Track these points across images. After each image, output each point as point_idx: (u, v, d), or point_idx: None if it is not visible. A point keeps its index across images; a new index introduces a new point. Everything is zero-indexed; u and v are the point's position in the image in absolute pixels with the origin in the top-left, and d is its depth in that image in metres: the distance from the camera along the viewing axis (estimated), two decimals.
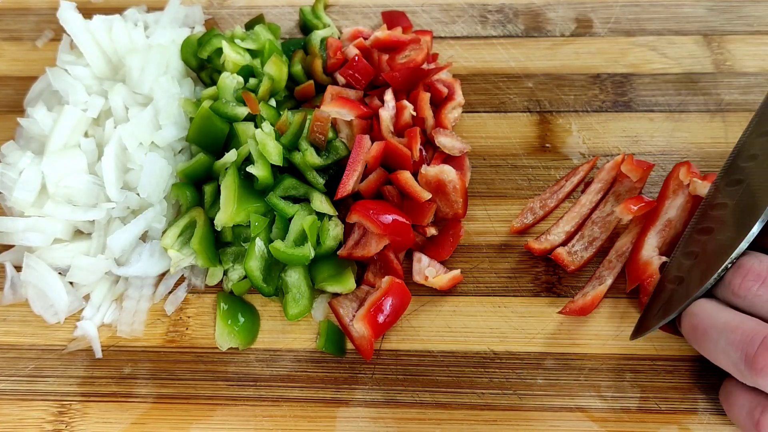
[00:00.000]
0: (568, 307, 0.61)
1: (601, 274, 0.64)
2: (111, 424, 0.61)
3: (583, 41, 0.78)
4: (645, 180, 0.66)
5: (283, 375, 0.62)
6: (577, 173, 0.69)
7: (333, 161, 0.67)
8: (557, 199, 0.68)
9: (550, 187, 0.68)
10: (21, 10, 0.87)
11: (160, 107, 0.68)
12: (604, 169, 0.68)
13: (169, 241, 0.64)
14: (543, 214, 0.67)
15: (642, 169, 0.65)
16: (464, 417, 0.59)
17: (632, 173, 0.65)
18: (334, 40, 0.75)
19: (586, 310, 0.61)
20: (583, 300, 0.61)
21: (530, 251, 0.65)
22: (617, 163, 0.67)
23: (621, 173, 0.67)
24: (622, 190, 0.67)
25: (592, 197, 0.67)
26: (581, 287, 0.63)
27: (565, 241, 0.65)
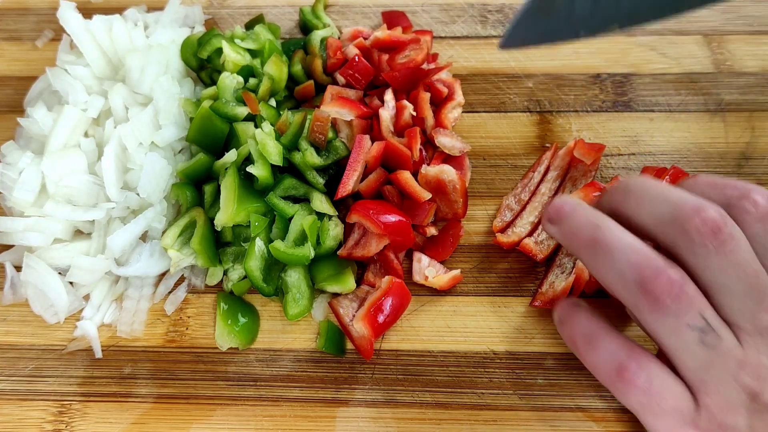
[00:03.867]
0: (539, 299, 0.62)
1: (561, 261, 0.64)
2: (111, 424, 0.61)
3: (583, 41, 0.78)
4: (598, 163, 0.68)
5: (283, 375, 0.62)
6: (542, 162, 0.69)
7: (333, 161, 0.67)
8: (530, 191, 0.68)
9: (521, 180, 0.69)
10: (21, 10, 0.87)
11: (160, 107, 0.68)
12: (557, 155, 0.69)
13: (169, 241, 0.64)
14: (520, 209, 0.67)
15: (594, 151, 0.66)
16: (464, 417, 0.59)
17: (585, 157, 0.66)
18: (334, 40, 0.75)
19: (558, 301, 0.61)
20: (553, 291, 0.61)
21: (500, 245, 0.65)
22: (570, 149, 0.68)
23: (575, 158, 0.67)
24: (577, 174, 0.67)
25: (550, 185, 0.68)
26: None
27: (530, 231, 0.65)
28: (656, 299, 0.45)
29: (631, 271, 0.46)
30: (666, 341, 0.47)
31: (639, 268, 0.46)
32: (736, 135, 0.70)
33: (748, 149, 0.70)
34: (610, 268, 0.48)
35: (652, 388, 0.47)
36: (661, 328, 0.46)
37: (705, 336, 0.45)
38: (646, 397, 0.47)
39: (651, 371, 0.47)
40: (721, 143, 0.70)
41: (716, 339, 0.45)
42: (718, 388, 0.46)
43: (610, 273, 0.48)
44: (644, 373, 0.47)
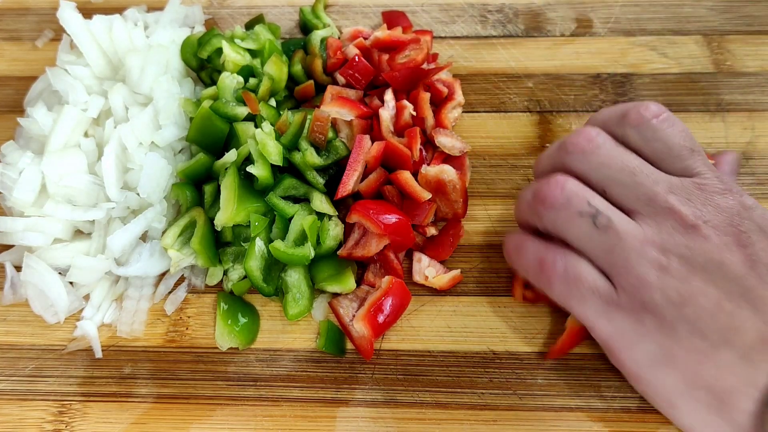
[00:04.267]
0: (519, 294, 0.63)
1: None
2: (111, 424, 0.61)
3: (583, 41, 0.78)
4: None
5: (283, 375, 0.62)
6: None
7: (333, 161, 0.67)
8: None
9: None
10: (21, 10, 0.87)
11: (160, 107, 0.68)
12: None
13: (169, 241, 0.64)
14: None
15: None
16: (464, 417, 0.59)
17: None
18: (334, 40, 0.75)
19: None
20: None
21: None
22: None
23: None
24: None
25: None
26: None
27: None
28: (546, 199, 0.52)
29: (530, 194, 0.55)
30: (567, 235, 0.52)
31: (534, 188, 0.54)
32: (736, 135, 0.70)
33: (748, 149, 0.70)
34: (519, 206, 0.57)
35: (569, 275, 0.51)
36: (559, 224, 0.52)
37: (596, 219, 0.50)
38: (565, 284, 0.51)
39: (567, 260, 0.52)
40: (721, 143, 0.70)
41: (606, 220, 0.50)
42: (627, 268, 0.49)
43: (520, 211, 0.58)
44: (561, 261, 0.52)
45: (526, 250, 0.56)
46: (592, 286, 0.51)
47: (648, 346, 0.49)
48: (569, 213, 0.51)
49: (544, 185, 0.53)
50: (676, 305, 0.48)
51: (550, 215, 0.53)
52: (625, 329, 0.50)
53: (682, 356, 0.48)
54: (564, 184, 0.52)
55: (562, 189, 0.52)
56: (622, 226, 0.50)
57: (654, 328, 0.49)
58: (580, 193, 0.51)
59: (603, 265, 0.51)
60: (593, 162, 0.52)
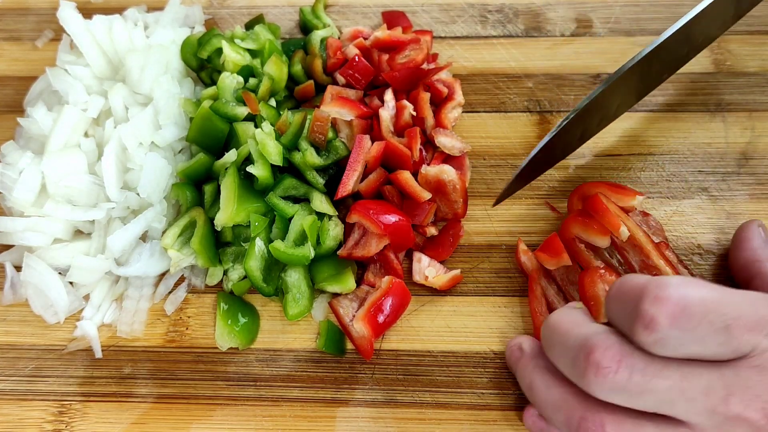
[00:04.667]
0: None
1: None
2: (111, 424, 0.61)
3: (583, 41, 0.78)
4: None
5: (283, 375, 0.62)
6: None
7: (333, 161, 0.67)
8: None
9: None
10: (21, 10, 0.87)
11: (160, 107, 0.68)
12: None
13: (169, 241, 0.64)
14: None
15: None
16: (464, 417, 0.59)
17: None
18: (334, 40, 0.75)
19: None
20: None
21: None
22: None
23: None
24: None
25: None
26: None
27: None
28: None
29: (563, 426, 0.49)
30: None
31: (567, 425, 0.48)
32: (736, 135, 0.70)
33: (748, 149, 0.70)
34: (549, 422, 0.52)
35: None
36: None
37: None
38: None
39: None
40: (721, 143, 0.70)
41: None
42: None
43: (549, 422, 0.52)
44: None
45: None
46: None
47: None
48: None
49: (582, 430, 0.46)
50: None
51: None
52: None
53: None
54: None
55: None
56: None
57: None
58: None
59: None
60: (632, 390, 0.44)
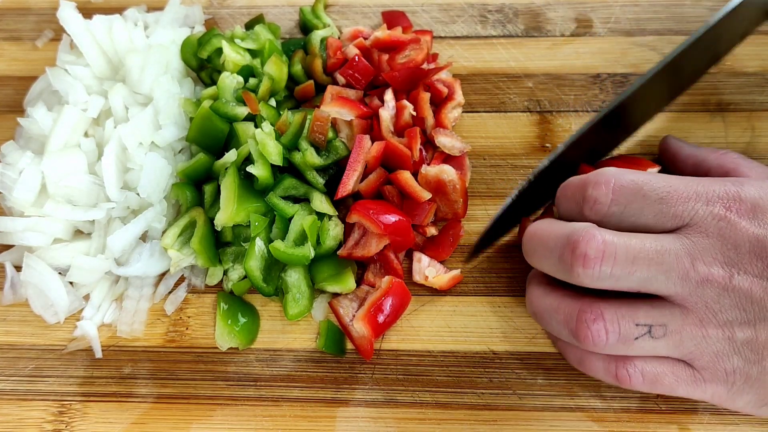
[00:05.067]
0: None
1: None
2: (111, 424, 0.61)
3: (583, 41, 0.78)
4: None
5: (283, 375, 0.62)
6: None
7: (333, 161, 0.67)
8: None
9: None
10: (21, 10, 0.87)
11: (160, 107, 0.68)
12: None
13: (169, 241, 0.64)
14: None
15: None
16: (464, 417, 0.59)
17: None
18: (334, 40, 0.75)
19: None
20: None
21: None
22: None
23: None
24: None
25: None
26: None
27: None
28: (594, 345, 0.51)
29: (564, 330, 0.53)
30: (628, 353, 0.52)
31: (566, 324, 0.53)
32: (736, 135, 0.70)
33: (748, 149, 0.69)
34: (552, 332, 0.56)
35: (648, 379, 0.52)
36: (617, 349, 0.51)
37: (651, 334, 0.50)
38: (649, 385, 0.52)
39: (642, 368, 0.52)
40: (721, 143, 0.70)
41: (662, 330, 0.50)
42: (699, 352, 0.50)
43: (567, 346, 0.57)
44: (634, 371, 0.52)
45: (589, 363, 0.55)
46: (674, 379, 0.52)
47: (746, 397, 0.51)
48: (625, 343, 0.50)
49: (579, 325, 0.51)
50: (755, 362, 0.50)
51: (603, 347, 0.51)
52: (719, 393, 0.52)
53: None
54: (606, 325, 0.50)
55: (606, 331, 0.50)
56: (676, 322, 0.50)
57: (745, 385, 0.51)
58: (624, 321, 0.50)
59: (675, 357, 0.52)
60: (617, 274, 0.50)
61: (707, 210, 0.50)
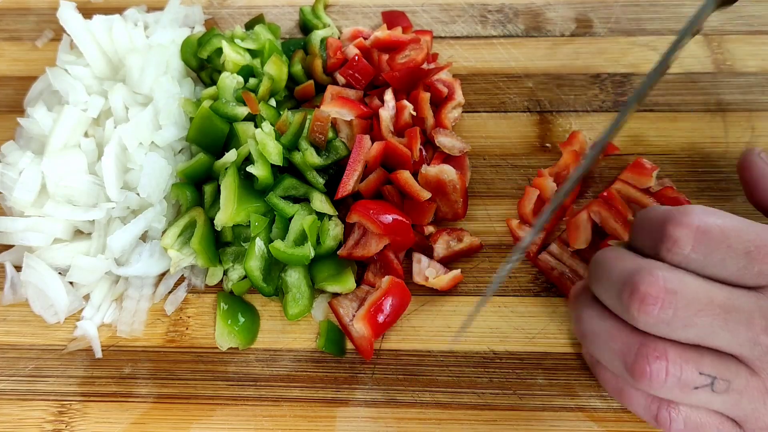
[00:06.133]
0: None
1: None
2: (111, 424, 0.61)
3: (583, 41, 0.78)
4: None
5: (283, 375, 0.62)
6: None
7: (333, 161, 0.67)
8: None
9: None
10: (21, 10, 0.87)
11: (160, 107, 0.68)
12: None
13: (169, 241, 0.64)
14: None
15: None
16: (464, 417, 0.59)
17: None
18: (334, 40, 0.75)
19: None
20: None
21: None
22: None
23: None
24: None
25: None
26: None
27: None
28: (650, 384, 0.47)
29: (617, 360, 0.50)
30: (683, 410, 0.49)
31: (621, 355, 0.49)
32: (736, 135, 0.70)
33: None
34: (600, 358, 0.52)
35: (690, 426, 0.50)
36: (673, 395, 0.49)
37: (713, 387, 0.47)
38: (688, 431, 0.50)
39: (686, 415, 0.50)
40: (721, 143, 0.70)
41: (725, 385, 0.47)
42: (755, 418, 0.48)
43: (607, 373, 0.54)
44: (677, 417, 0.50)
45: (629, 395, 0.52)
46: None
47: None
48: (683, 390, 0.47)
49: (636, 366, 0.48)
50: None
51: (659, 388, 0.48)
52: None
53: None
54: (668, 367, 0.47)
55: (666, 373, 0.47)
56: (740, 382, 0.47)
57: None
58: (688, 367, 0.47)
59: (732, 417, 0.49)
60: (675, 324, 0.46)
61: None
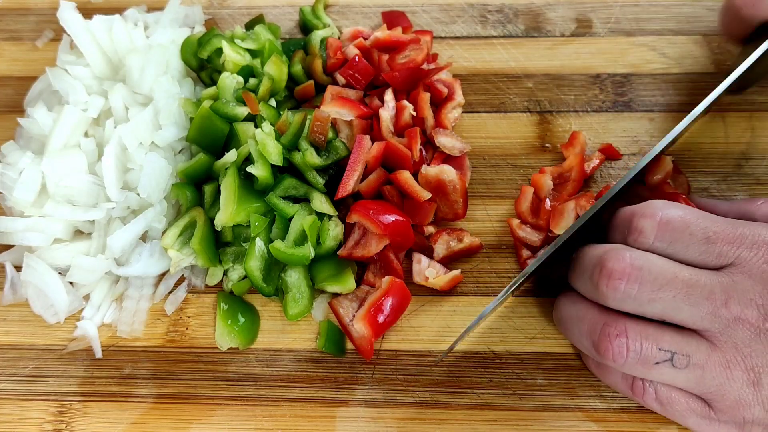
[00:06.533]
0: None
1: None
2: (111, 424, 0.61)
3: (583, 41, 0.78)
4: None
5: (283, 375, 0.62)
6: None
7: (333, 161, 0.67)
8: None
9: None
10: (21, 10, 0.87)
11: (160, 107, 0.68)
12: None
13: (169, 241, 0.64)
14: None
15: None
16: (464, 417, 0.59)
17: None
18: (334, 40, 0.75)
19: None
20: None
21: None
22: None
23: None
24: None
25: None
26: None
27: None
28: (613, 361, 0.50)
29: (585, 340, 0.53)
30: (646, 377, 0.52)
31: (589, 335, 0.52)
32: (736, 135, 0.70)
33: (748, 149, 0.70)
34: (572, 340, 0.56)
35: (662, 399, 0.52)
36: (636, 371, 0.51)
37: (673, 362, 0.49)
38: (660, 405, 0.52)
39: (657, 387, 0.52)
40: (721, 143, 0.70)
41: (685, 359, 0.49)
42: (720, 393, 0.49)
43: (575, 343, 0.56)
44: (650, 388, 0.52)
45: (607, 370, 0.56)
46: (687, 408, 0.51)
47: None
48: (644, 365, 0.50)
49: (600, 343, 0.51)
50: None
51: (621, 364, 0.51)
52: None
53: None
54: (628, 343, 0.50)
55: (627, 349, 0.50)
56: (700, 357, 0.49)
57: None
58: (647, 343, 0.49)
59: (696, 394, 0.51)
60: (641, 298, 0.49)
61: (753, 252, 0.49)
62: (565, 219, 0.63)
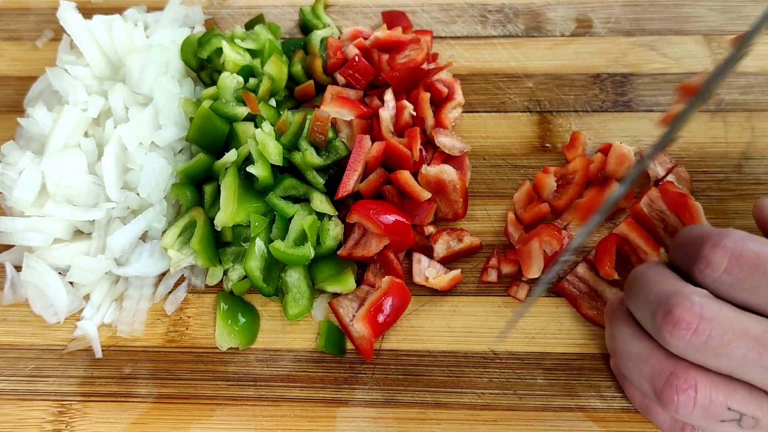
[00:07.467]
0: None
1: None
2: (111, 424, 0.61)
3: (583, 41, 0.78)
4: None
5: (283, 375, 0.62)
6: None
7: (333, 161, 0.67)
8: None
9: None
10: (21, 10, 0.87)
11: (160, 107, 0.68)
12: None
13: (169, 241, 0.64)
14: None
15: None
16: (464, 417, 0.59)
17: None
18: (334, 40, 0.75)
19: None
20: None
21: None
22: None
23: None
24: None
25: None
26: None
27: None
28: (676, 413, 0.47)
29: (646, 383, 0.49)
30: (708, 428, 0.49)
31: (651, 380, 0.48)
32: (736, 135, 0.70)
33: (748, 149, 0.70)
34: (630, 377, 0.52)
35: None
36: (701, 427, 0.49)
37: (741, 422, 0.46)
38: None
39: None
40: (721, 143, 0.70)
41: (753, 421, 0.46)
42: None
43: (634, 388, 0.54)
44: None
45: (656, 413, 0.53)
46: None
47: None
48: (709, 421, 0.47)
49: (667, 393, 0.47)
50: None
51: (684, 417, 0.47)
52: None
53: None
54: (696, 398, 0.46)
55: (694, 404, 0.46)
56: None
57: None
58: (716, 400, 0.46)
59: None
60: (707, 352, 0.45)
61: None
62: (535, 262, 0.62)
